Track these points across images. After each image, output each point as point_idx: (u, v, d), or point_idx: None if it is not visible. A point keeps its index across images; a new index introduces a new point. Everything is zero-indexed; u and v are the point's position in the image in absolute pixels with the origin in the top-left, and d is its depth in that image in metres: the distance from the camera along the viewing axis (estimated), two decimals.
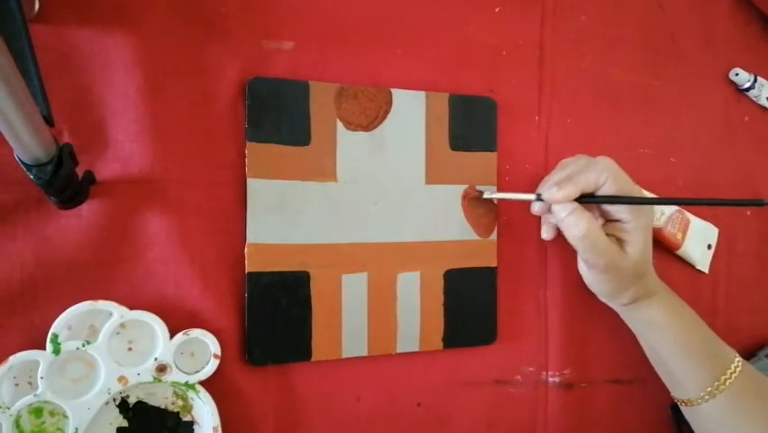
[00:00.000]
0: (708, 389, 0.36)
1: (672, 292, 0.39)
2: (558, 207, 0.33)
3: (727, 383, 0.35)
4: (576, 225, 0.33)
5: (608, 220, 0.36)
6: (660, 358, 0.38)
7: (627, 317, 0.40)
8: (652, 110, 0.45)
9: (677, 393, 0.39)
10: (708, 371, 0.36)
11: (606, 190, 0.33)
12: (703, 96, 0.47)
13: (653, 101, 0.45)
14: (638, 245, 0.35)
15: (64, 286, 0.30)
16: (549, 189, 0.33)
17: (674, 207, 0.44)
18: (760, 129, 0.48)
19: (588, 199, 0.34)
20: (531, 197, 0.35)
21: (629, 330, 0.41)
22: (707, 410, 0.36)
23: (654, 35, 0.45)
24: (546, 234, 0.38)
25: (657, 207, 0.43)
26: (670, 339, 0.37)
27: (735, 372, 0.36)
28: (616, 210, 0.35)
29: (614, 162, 0.34)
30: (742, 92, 0.48)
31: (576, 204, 0.33)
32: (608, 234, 0.35)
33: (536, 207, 0.36)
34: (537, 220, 0.41)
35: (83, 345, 0.30)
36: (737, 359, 0.37)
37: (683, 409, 0.39)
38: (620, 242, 0.35)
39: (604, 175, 0.33)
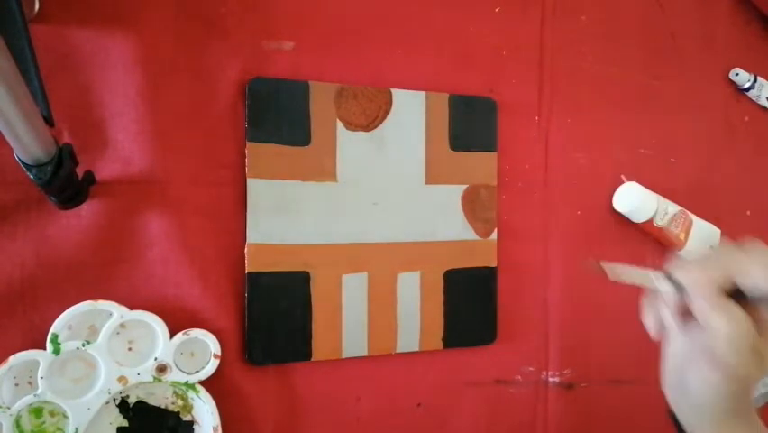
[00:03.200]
0: None
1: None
2: (699, 298, 0.25)
3: None
4: (726, 325, 0.24)
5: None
6: None
7: None
8: (652, 110, 0.45)
9: None
10: None
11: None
12: (703, 96, 0.47)
13: (653, 101, 0.45)
14: None
15: (64, 286, 0.30)
16: (682, 268, 0.26)
17: (678, 207, 0.43)
18: (760, 129, 0.48)
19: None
20: (657, 275, 0.27)
21: (629, 330, 0.41)
22: None
23: (654, 35, 0.45)
24: (652, 328, 0.28)
25: (661, 207, 0.42)
26: None
27: None
28: None
29: None
30: (742, 92, 0.48)
31: (723, 296, 0.25)
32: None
33: (667, 293, 0.26)
34: (537, 220, 0.41)
35: (83, 345, 0.30)
36: None
37: None
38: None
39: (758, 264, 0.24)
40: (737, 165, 0.48)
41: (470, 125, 0.38)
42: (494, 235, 0.39)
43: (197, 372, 0.31)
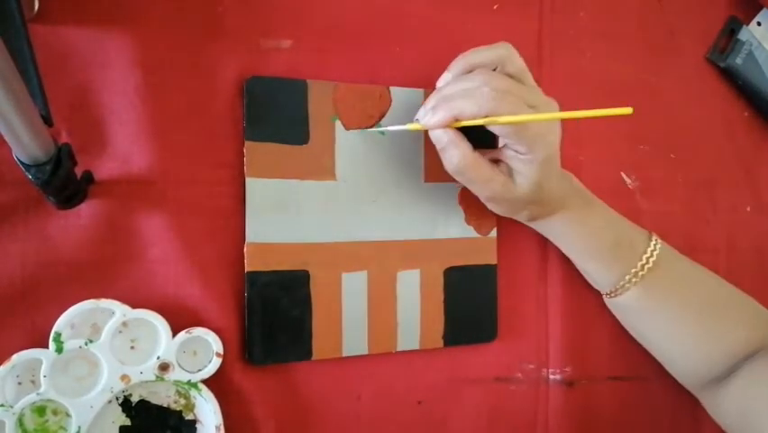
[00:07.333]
0: (621, 283, 0.36)
1: (585, 199, 0.36)
2: (435, 136, 0.31)
3: (640, 276, 0.35)
4: (449, 160, 0.31)
5: (506, 146, 0.32)
6: (570, 257, 0.39)
7: (533, 226, 0.38)
8: (651, 106, 0.45)
9: (595, 286, 0.39)
10: (618, 269, 0.36)
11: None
12: (702, 91, 0.46)
13: (653, 97, 0.45)
14: (532, 178, 0.31)
15: (65, 285, 0.30)
16: (424, 114, 0.30)
17: None
18: (759, 124, 0.48)
19: (462, 124, 0.30)
20: (416, 126, 0.31)
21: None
22: (624, 302, 0.37)
23: (653, 31, 0.45)
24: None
25: None
26: (574, 247, 0.37)
27: (647, 263, 0.35)
28: (509, 141, 0.31)
29: (497, 80, 0.29)
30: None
31: (452, 134, 0.30)
32: (502, 161, 0.32)
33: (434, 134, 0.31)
34: None
35: (86, 344, 0.30)
36: (650, 249, 0.36)
37: (607, 300, 0.39)
38: (511, 171, 0.32)
39: (485, 103, 0.28)
40: (737, 160, 0.48)
41: None
42: (494, 233, 0.39)
43: (200, 370, 0.31)
